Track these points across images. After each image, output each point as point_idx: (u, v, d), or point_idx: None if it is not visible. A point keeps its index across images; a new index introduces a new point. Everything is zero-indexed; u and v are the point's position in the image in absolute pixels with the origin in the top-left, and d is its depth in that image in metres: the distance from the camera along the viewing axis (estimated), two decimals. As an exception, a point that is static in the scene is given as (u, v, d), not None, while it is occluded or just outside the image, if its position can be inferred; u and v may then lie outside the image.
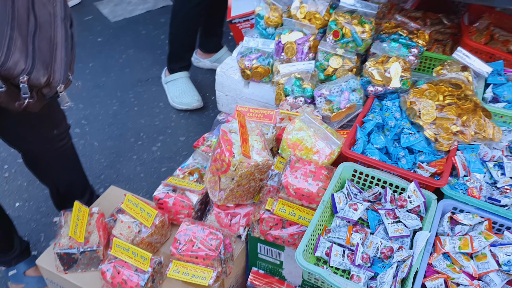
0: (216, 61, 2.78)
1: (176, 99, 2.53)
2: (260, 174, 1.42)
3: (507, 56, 1.63)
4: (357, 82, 1.48)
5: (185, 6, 2.27)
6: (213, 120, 2.29)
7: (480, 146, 1.37)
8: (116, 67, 2.81)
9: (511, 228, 1.19)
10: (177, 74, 2.54)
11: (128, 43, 3.03)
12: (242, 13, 2.28)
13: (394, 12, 1.90)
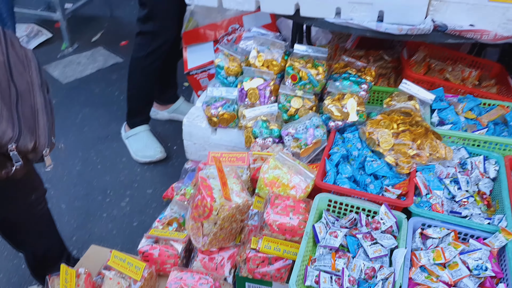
0: (174, 112, 2.86)
1: (139, 152, 2.56)
2: (241, 215, 1.49)
3: (445, 83, 1.83)
4: (319, 119, 1.61)
5: (142, 62, 2.35)
6: (178, 169, 2.36)
7: (436, 165, 1.51)
8: (73, 127, 2.81)
9: (474, 236, 1.33)
10: (137, 128, 2.59)
11: (82, 102, 3.04)
12: (198, 65, 2.40)
13: (339, 53, 2.09)
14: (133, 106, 2.54)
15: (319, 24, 1.64)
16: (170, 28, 2.30)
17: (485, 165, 1.53)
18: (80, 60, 3.53)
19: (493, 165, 1.53)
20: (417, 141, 1.50)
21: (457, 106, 1.70)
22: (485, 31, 1.48)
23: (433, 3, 1.49)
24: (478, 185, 1.51)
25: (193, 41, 2.53)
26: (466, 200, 1.45)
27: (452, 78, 1.89)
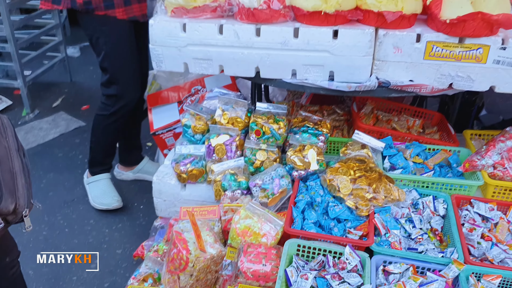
0: (139, 172, 2.91)
1: (96, 199, 2.65)
2: (215, 266, 1.56)
3: (392, 132, 2.02)
4: (283, 169, 1.74)
5: (104, 121, 2.47)
6: (146, 228, 2.40)
7: (391, 207, 1.66)
8: (38, 193, 2.80)
9: (431, 269, 1.45)
10: (98, 176, 2.68)
11: (46, 167, 3.05)
12: (164, 125, 2.51)
13: (296, 108, 2.27)
14: (95, 157, 2.65)
15: (277, 84, 1.82)
16: (132, 90, 2.42)
17: (435, 204, 1.69)
18: (41, 125, 3.56)
19: (442, 203, 1.69)
20: (373, 185, 1.65)
21: (405, 152, 1.89)
22: (423, 85, 1.69)
23: (376, 63, 1.70)
24: (430, 222, 1.66)
25: (157, 103, 2.65)
26: (421, 237, 1.59)
27: (399, 127, 2.09)
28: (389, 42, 1.65)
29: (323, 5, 1.62)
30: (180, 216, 1.73)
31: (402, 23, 1.63)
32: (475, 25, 1.54)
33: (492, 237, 1.58)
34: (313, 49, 1.70)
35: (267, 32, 1.70)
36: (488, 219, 1.66)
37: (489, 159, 1.72)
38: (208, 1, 1.71)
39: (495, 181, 1.70)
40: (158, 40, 1.77)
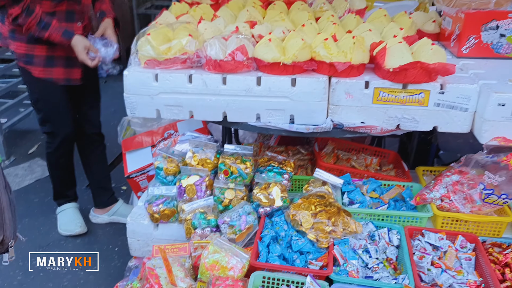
0: (114, 214, 2.99)
1: (62, 226, 2.86)
2: (186, 299, 1.64)
3: (351, 170, 2.18)
4: (250, 206, 1.86)
5: (52, 157, 2.73)
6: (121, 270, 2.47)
7: (349, 238, 1.79)
8: (13, 238, 2.84)
9: (386, 294, 1.58)
10: (64, 206, 2.91)
11: (21, 213, 3.09)
12: (138, 168, 2.62)
13: (264, 149, 2.42)
14: (57, 190, 2.90)
15: (243, 127, 1.97)
16: (65, 127, 2.61)
17: (389, 236, 1.83)
18: (17, 172, 3.61)
19: (396, 234, 1.84)
20: (332, 219, 1.78)
21: (362, 188, 2.04)
22: (373, 127, 1.87)
23: (331, 107, 1.88)
24: (386, 252, 1.79)
25: (131, 147, 2.78)
26: (377, 266, 1.72)
27: (357, 165, 2.26)
28: (341, 89, 1.83)
29: (281, 57, 1.81)
30: (152, 254, 1.82)
31: (351, 72, 1.82)
32: (415, 73, 1.74)
33: (442, 264, 1.72)
34: (274, 96, 1.87)
35: (232, 80, 1.87)
36: (438, 248, 1.80)
37: (436, 192, 1.89)
38: (178, 53, 1.88)
39: (443, 213, 1.86)
40: (132, 89, 1.91)
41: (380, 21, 2.23)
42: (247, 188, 2.01)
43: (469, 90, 1.76)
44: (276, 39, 1.88)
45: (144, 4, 5.64)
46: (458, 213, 1.85)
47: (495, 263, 1.76)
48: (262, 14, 2.41)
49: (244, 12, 2.29)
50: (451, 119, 1.81)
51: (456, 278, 1.68)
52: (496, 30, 2.03)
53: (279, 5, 2.49)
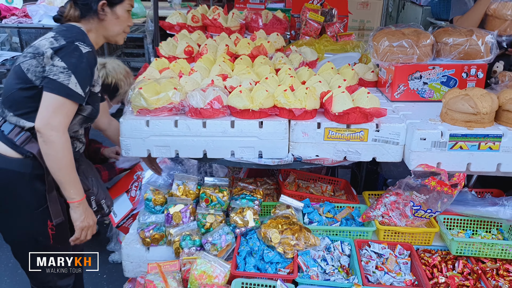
0: None
1: None
2: (179, 306, 1.99)
3: (310, 195, 2.62)
4: (228, 228, 2.25)
5: None
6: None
7: (310, 250, 2.20)
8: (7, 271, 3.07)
9: (340, 292, 1.98)
10: None
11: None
12: (123, 216, 2.94)
13: (236, 181, 2.82)
14: None
15: (221, 162, 2.38)
16: None
17: (342, 247, 2.25)
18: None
19: (347, 246, 2.26)
20: (295, 235, 2.19)
21: (319, 209, 2.47)
22: (325, 159, 2.32)
23: (291, 144, 2.31)
24: (340, 260, 2.21)
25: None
26: (333, 271, 2.13)
27: (315, 192, 2.70)
28: (299, 129, 2.28)
29: (250, 105, 2.25)
30: (148, 271, 2.16)
31: (306, 115, 2.28)
32: (356, 116, 2.21)
33: (384, 268, 2.16)
34: (245, 136, 2.29)
35: (211, 124, 2.29)
36: (381, 255, 2.24)
37: (378, 211, 2.34)
38: (166, 103, 2.28)
39: (384, 227, 2.31)
40: (127, 133, 2.29)
41: (328, 73, 2.72)
42: (224, 213, 2.40)
43: (398, 128, 2.25)
44: (245, 90, 2.33)
45: (115, 52, 6.05)
46: (396, 227, 2.31)
47: (426, 265, 2.21)
48: (231, 67, 2.87)
49: (216, 67, 2.74)
50: (386, 151, 2.29)
51: (396, 278, 2.12)
52: (420, 79, 2.55)
53: (245, 59, 2.96)
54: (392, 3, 7.64)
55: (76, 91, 1.88)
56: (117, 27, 2.10)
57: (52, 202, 1.93)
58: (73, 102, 1.89)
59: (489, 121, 2.21)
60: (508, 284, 2.09)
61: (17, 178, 1.87)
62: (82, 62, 1.88)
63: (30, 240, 2.05)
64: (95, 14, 2.01)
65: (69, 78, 1.85)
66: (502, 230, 2.39)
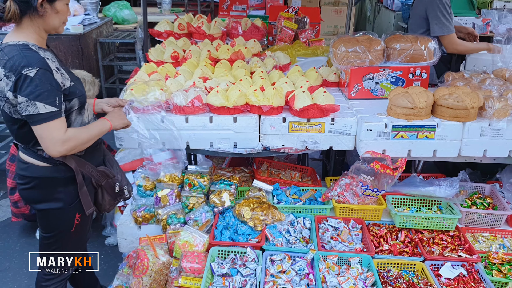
0: None
1: None
2: (166, 270, 2.40)
3: (280, 180, 3.03)
4: (208, 207, 2.66)
5: None
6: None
7: (277, 224, 2.61)
8: (15, 254, 3.45)
9: (299, 256, 2.39)
10: None
11: (18, 235, 3.70)
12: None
13: (216, 170, 3.22)
14: None
15: (201, 152, 2.79)
16: None
17: (304, 222, 2.67)
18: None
19: (308, 221, 2.67)
20: (264, 212, 2.60)
21: (286, 192, 2.89)
22: (290, 148, 2.73)
23: (261, 136, 2.72)
24: (302, 233, 2.62)
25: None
26: (295, 241, 2.54)
27: (284, 178, 3.11)
28: (267, 123, 2.69)
29: (225, 103, 2.66)
30: (140, 243, 2.56)
31: (273, 111, 2.69)
32: (314, 111, 2.63)
33: (338, 238, 2.57)
34: (222, 129, 2.70)
35: (192, 120, 2.69)
36: (337, 228, 2.65)
37: (335, 191, 2.75)
38: (153, 102, 2.68)
39: (339, 204, 2.72)
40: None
41: (295, 75, 3.14)
42: (205, 196, 2.80)
43: (350, 121, 2.67)
44: (221, 90, 2.74)
45: (108, 56, 6.43)
46: (349, 204, 2.72)
47: (374, 236, 2.63)
48: (211, 70, 3.28)
49: (198, 70, 3.15)
50: (341, 140, 2.71)
51: (348, 246, 2.53)
52: (373, 80, 2.97)
53: (224, 63, 3.37)
54: (370, 8, 8.10)
55: (48, 111, 1.91)
56: (57, 20, 2.05)
57: (83, 197, 2.19)
58: (55, 120, 1.95)
59: (426, 114, 2.64)
60: (440, 249, 2.51)
61: (53, 183, 2.14)
62: (36, 85, 1.89)
63: (58, 230, 2.26)
64: (35, 10, 1.96)
65: (36, 107, 1.89)
66: (441, 207, 2.82)
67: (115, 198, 2.38)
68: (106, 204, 2.36)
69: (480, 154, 2.67)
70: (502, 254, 2.44)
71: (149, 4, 9.15)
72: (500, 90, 2.85)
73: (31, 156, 2.09)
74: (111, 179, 2.30)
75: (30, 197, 2.18)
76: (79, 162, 2.15)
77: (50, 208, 2.16)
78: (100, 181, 2.26)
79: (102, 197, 2.32)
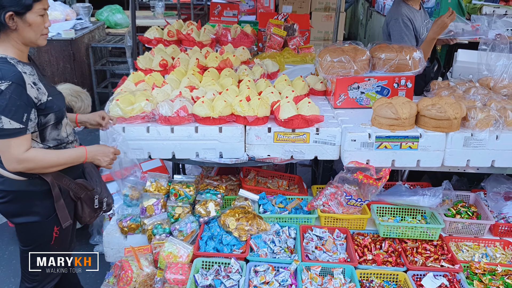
0: None
1: None
2: (150, 281, 2.41)
3: (266, 189, 3.04)
4: (193, 217, 2.67)
5: None
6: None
7: (262, 234, 2.62)
8: (3, 262, 3.45)
9: (282, 267, 2.40)
10: None
11: (6, 242, 3.70)
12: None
13: (204, 178, 3.23)
14: None
15: (187, 162, 2.80)
16: None
17: (289, 231, 2.68)
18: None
19: (293, 230, 2.69)
20: (249, 222, 2.62)
21: (272, 201, 2.90)
22: (275, 158, 2.75)
23: (247, 146, 2.74)
24: (287, 242, 2.64)
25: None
26: (280, 251, 2.56)
27: (272, 186, 3.13)
28: (253, 133, 2.71)
29: (211, 113, 2.67)
30: (124, 254, 2.57)
31: (259, 122, 2.70)
32: (299, 122, 2.64)
33: (323, 248, 2.59)
34: (208, 139, 2.72)
35: (178, 130, 2.70)
36: (321, 238, 2.67)
37: (320, 201, 2.77)
38: (139, 112, 2.70)
39: (324, 214, 2.74)
40: (106, 138, 2.70)
41: (282, 84, 3.16)
42: (191, 206, 2.82)
43: (334, 131, 2.69)
44: (207, 100, 2.75)
45: (100, 61, 6.43)
46: (334, 214, 2.74)
47: (358, 246, 2.65)
48: (199, 79, 3.29)
49: (185, 79, 3.16)
50: (325, 150, 2.73)
51: (332, 256, 2.55)
52: (358, 89, 2.99)
53: (212, 72, 3.38)
54: (363, 12, 8.13)
55: (13, 127, 1.90)
56: (32, 33, 2.01)
57: (60, 210, 2.19)
58: (17, 137, 1.93)
59: (409, 124, 2.66)
60: (423, 259, 2.53)
61: (30, 196, 2.14)
62: (5, 99, 1.87)
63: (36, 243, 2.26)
64: (4, 26, 1.94)
65: (0, 121, 1.88)
66: (426, 216, 2.84)
67: (95, 210, 2.37)
68: (87, 216, 2.35)
69: (463, 164, 2.69)
70: (484, 264, 2.46)
71: (142, 7, 9.18)
72: (484, 99, 2.88)
73: (6, 169, 2.07)
74: (90, 192, 2.30)
75: (7, 211, 2.19)
76: (56, 175, 2.15)
77: (27, 221, 2.16)
78: (79, 194, 2.26)
79: (82, 209, 2.32)
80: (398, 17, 3.44)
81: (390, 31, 3.51)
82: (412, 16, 3.49)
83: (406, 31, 3.42)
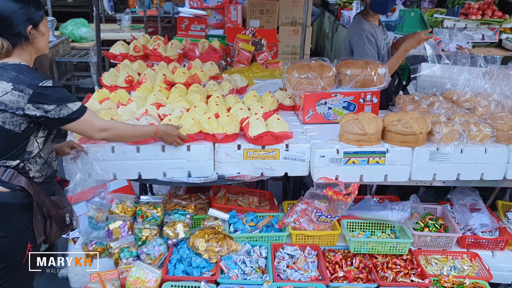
0: None
1: None
2: (117, 308, 2.32)
3: (237, 207, 3.00)
4: (161, 240, 2.59)
5: None
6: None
7: (232, 255, 2.57)
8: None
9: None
10: None
11: None
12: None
13: (172, 198, 3.17)
14: None
15: (154, 182, 2.73)
16: None
17: (260, 251, 2.64)
18: None
19: (264, 249, 2.65)
20: (219, 243, 2.57)
21: (243, 219, 2.86)
22: (246, 175, 2.72)
23: (216, 163, 2.70)
24: (258, 262, 2.60)
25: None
26: (251, 272, 2.51)
27: (242, 204, 3.09)
28: (222, 151, 2.67)
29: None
30: (90, 280, 2.47)
31: (228, 139, 2.67)
32: (268, 138, 2.62)
33: (294, 267, 2.56)
34: (175, 158, 2.66)
35: (144, 149, 2.64)
36: (293, 256, 2.64)
37: (291, 218, 2.75)
38: (103, 132, 2.61)
39: (295, 231, 2.72)
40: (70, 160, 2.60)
41: (251, 100, 3.14)
42: (159, 227, 2.74)
43: (304, 147, 2.68)
44: (174, 118, 2.70)
45: (65, 75, 6.28)
46: (305, 231, 2.72)
47: (329, 262, 2.63)
48: (166, 95, 3.23)
49: (152, 96, 3.10)
50: (295, 166, 2.71)
51: (304, 274, 2.53)
52: (325, 105, 3.00)
53: (179, 88, 3.34)
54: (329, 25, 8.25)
55: (78, 107, 2.09)
56: (44, 42, 2.17)
57: (36, 224, 2.14)
58: (88, 112, 2.14)
59: (376, 140, 2.68)
60: (393, 274, 2.54)
61: (9, 209, 2.07)
62: (59, 91, 2.04)
63: (7, 262, 2.13)
64: (26, 39, 2.07)
65: (68, 108, 2.05)
66: (395, 230, 2.86)
67: (63, 229, 2.30)
68: (53, 235, 2.27)
69: (430, 178, 2.73)
70: (453, 277, 2.49)
71: (109, 20, 9.03)
72: (448, 113, 2.93)
73: None
74: (61, 210, 2.25)
75: None
76: (35, 189, 2.12)
77: (2, 236, 2.07)
78: (51, 212, 2.20)
79: (50, 227, 2.24)
80: (362, 33, 3.48)
81: (354, 47, 3.54)
82: (373, 32, 3.54)
83: (369, 47, 3.46)
